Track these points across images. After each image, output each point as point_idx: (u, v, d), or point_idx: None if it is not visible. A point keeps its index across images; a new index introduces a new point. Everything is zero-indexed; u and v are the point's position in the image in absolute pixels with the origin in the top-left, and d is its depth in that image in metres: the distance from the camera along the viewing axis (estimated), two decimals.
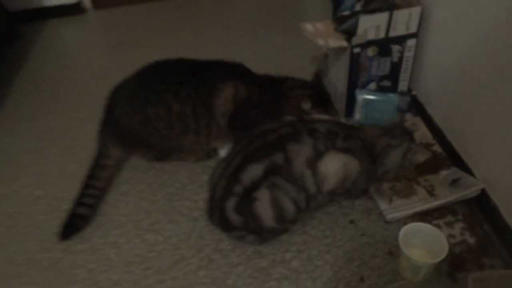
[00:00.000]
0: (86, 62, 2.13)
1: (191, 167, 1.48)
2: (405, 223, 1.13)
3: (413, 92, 1.52)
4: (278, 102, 1.38)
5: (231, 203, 1.11)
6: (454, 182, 1.28)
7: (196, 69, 1.36)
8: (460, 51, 1.30)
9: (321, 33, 1.51)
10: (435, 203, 1.24)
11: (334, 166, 1.12)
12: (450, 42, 1.35)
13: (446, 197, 1.25)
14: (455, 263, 1.13)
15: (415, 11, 1.39)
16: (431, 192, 1.28)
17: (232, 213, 1.12)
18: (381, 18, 1.39)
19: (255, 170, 1.09)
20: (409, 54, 1.50)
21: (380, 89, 1.56)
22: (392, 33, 1.43)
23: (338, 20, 1.52)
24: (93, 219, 1.32)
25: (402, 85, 1.58)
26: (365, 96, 1.53)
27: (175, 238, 1.26)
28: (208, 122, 1.35)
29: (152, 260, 1.21)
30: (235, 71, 1.40)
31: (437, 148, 1.43)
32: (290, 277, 1.14)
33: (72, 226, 1.28)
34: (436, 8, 1.38)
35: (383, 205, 1.27)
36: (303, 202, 1.13)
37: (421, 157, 1.19)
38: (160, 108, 1.31)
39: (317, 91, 1.44)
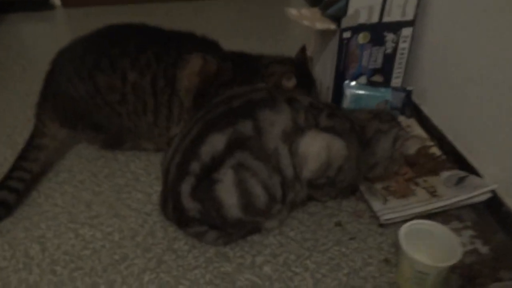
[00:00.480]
0: (44, 56, 1.86)
1: (148, 158, 1.24)
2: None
3: (409, 88, 1.35)
4: (253, 79, 1.17)
5: (186, 186, 0.88)
6: (460, 182, 1.08)
7: (161, 37, 1.16)
8: (462, 43, 1.14)
9: (307, 18, 1.35)
10: (438, 204, 1.03)
11: (316, 146, 0.91)
12: (451, 32, 1.20)
13: (451, 197, 1.04)
14: (467, 275, 0.90)
15: None
16: (432, 193, 1.08)
17: (188, 199, 0.89)
18: None
19: (215, 142, 0.86)
20: (404, 46, 1.34)
21: (371, 84, 1.38)
22: (387, 18, 1.27)
23: (326, 4, 1.37)
24: (18, 208, 1.06)
25: (396, 82, 1.41)
26: (354, 91, 1.35)
27: (118, 235, 1.00)
28: (170, 99, 1.13)
29: (84, 260, 0.94)
30: (206, 45, 1.20)
31: (436, 150, 1.24)
32: (261, 286, 0.89)
33: None
34: None
35: (376, 205, 1.05)
36: (277, 189, 0.90)
37: (412, 145, 1.00)
38: (113, 75, 1.09)
39: (299, 68, 1.24)
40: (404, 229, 0.86)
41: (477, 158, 1.13)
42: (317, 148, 0.91)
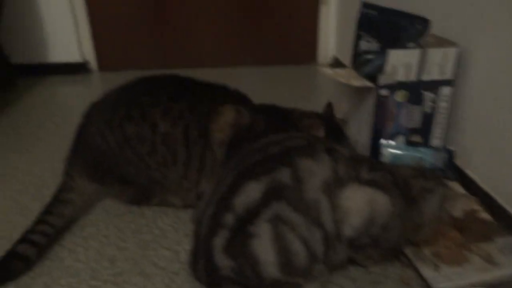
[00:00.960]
0: (77, 115, 1.93)
1: (177, 214, 1.18)
2: None
3: (451, 148, 1.28)
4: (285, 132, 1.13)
5: (220, 240, 0.81)
6: None
7: (194, 87, 1.15)
8: (506, 101, 1.10)
9: (342, 76, 1.34)
10: (498, 272, 0.92)
11: (358, 201, 0.84)
12: (494, 91, 1.16)
13: None
14: None
15: (451, 52, 1.23)
16: (490, 261, 0.97)
17: (221, 256, 0.81)
18: (412, 54, 1.22)
19: (250, 192, 0.81)
20: (443, 105, 1.30)
21: (410, 144, 1.33)
22: (425, 77, 1.25)
23: (361, 63, 1.36)
24: (39, 263, 1.00)
25: (435, 143, 1.35)
26: (392, 150, 1.29)
27: None
28: (202, 151, 1.09)
29: None
30: (238, 98, 1.19)
31: (485, 215, 1.15)
32: None
33: (8, 268, 0.95)
34: (476, 52, 1.22)
35: (428, 272, 0.95)
36: (319, 245, 0.82)
37: (460, 204, 0.92)
38: (143, 125, 1.07)
39: (329, 122, 1.22)
40: None
41: None
42: (359, 203, 0.84)
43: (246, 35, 2.54)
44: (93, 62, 2.49)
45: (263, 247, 0.79)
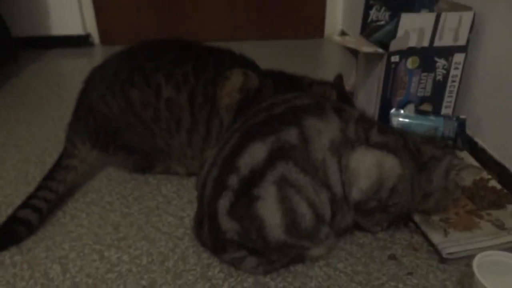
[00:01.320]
0: (79, 86, 1.92)
1: (181, 181, 1.16)
2: (468, 265, 0.78)
3: (462, 116, 1.25)
4: None
5: (224, 203, 0.78)
6: None
7: (199, 51, 1.12)
8: None
9: (352, 43, 1.30)
10: (510, 237, 0.90)
11: (367, 163, 0.81)
12: (507, 57, 1.12)
13: None
14: None
15: (467, 16, 1.18)
16: (501, 227, 0.95)
17: (226, 218, 0.79)
18: (427, 19, 1.18)
19: (255, 153, 0.77)
20: (455, 72, 1.26)
21: (420, 113, 1.29)
22: (438, 42, 1.21)
23: (371, 29, 1.32)
24: (41, 228, 0.98)
25: (446, 112, 1.32)
26: (402, 119, 1.26)
27: (146, 259, 0.90)
28: (209, 117, 1.06)
29: (108, 284, 0.84)
30: (244, 62, 1.15)
31: (495, 184, 1.12)
32: None
33: (10, 233, 0.94)
34: (491, 18, 1.17)
35: (436, 237, 0.92)
36: (326, 208, 0.80)
37: (468, 175, 0.88)
38: (147, 90, 1.04)
39: (339, 90, 1.19)
40: (478, 259, 0.74)
41: None
42: (367, 165, 0.81)
43: (252, 8, 2.49)
44: (95, 36, 2.45)
45: (269, 210, 0.76)
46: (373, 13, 1.52)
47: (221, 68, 1.08)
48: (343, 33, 2.52)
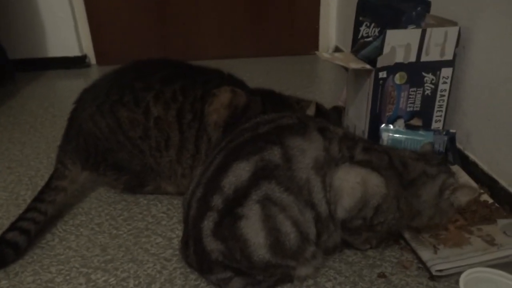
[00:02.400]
0: None
1: (171, 201, 1.16)
2: (458, 282, 0.78)
3: (452, 130, 1.25)
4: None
5: (208, 223, 0.78)
6: None
7: (188, 71, 1.13)
8: (507, 80, 1.06)
9: (340, 59, 1.31)
10: (500, 253, 0.89)
11: (350, 181, 0.81)
12: (494, 71, 1.12)
13: None
14: None
15: (452, 31, 1.19)
16: (491, 242, 0.94)
17: (210, 239, 0.79)
18: (412, 35, 1.18)
19: (239, 172, 0.78)
20: (444, 87, 1.26)
21: (410, 128, 1.29)
22: (425, 58, 1.21)
23: (359, 46, 1.33)
24: (29, 251, 0.98)
25: (436, 126, 1.31)
26: (392, 134, 1.26)
27: (133, 281, 0.89)
28: (197, 134, 1.07)
29: None
30: (233, 82, 1.16)
31: (487, 198, 1.11)
32: None
33: None
34: (476, 33, 1.18)
35: (426, 255, 0.91)
36: (311, 227, 0.79)
37: (464, 196, 0.87)
38: (135, 110, 1.05)
39: (323, 108, 1.21)
40: (464, 276, 0.73)
41: None
42: (351, 184, 0.81)
43: (247, 26, 2.52)
44: (91, 56, 2.48)
45: (253, 229, 0.76)
46: (363, 30, 1.53)
47: (209, 86, 1.09)
48: (337, 49, 2.54)
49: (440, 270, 0.87)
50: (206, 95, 1.07)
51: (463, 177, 1.20)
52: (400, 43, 1.18)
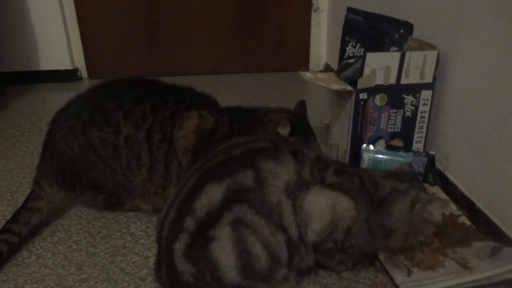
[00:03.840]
0: None
1: (151, 219, 1.16)
2: None
3: (432, 152, 1.26)
4: (250, 131, 1.12)
5: (180, 245, 0.79)
6: (495, 253, 0.95)
7: (159, 90, 1.14)
8: (486, 104, 1.08)
9: (323, 80, 1.33)
10: (472, 277, 0.90)
11: (320, 205, 0.82)
12: (474, 94, 1.14)
13: (486, 271, 0.91)
14: None
15: (431, 55, 1.21)
16: (464, 265, 0.94)
17: (182, 260, 0.79)
18: (392, 58, 1.21)
19: (212, 194, 0.79)
20: (424, 109, 1.28)
21: (391, 149, 1.30)
22: (405, 80, 1.23)
23: (342, 67, 1.35)
24: (4, 268, 0.98)
25: (417, 147, 1.33)
26: (372, 155, 1.27)
27: None
28: (166, 156, 1.07)
29: None
30: (204, 101, 1.18)
31: (465, 220, 1.12)
32: None
33: None
34: (455, 57, 1.21)
35: (399, 277, 0.92)
36: (282, 249, 0.80)
37: (436, 209, 0.87)
38: (106, 129, 1.06)
39: (297, 118, 1.21)
40: None
41: None
42: (321, 207, 0.82)
43: (238, 43, 2.54)
44: (83, 70, 2.49)
45: (223, 251, 0.76)
46: (349, 49, 1.56)
47: (180, 106, 1.10)
48: (327, 66, 2.57)
49: None
50: (176, 115, 1.08)
51: (441, 197, 1.22)
52: (380, 66, 1.20)
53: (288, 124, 1.11)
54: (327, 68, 2.54)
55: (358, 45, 1.52)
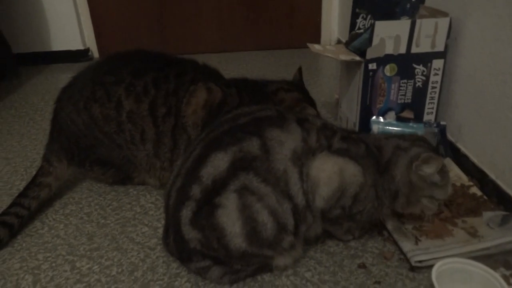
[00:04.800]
0: None
1: (160, 192, 1.18)
2: None
3: (443, 122, 1.24)
4: (260, 103, 1.11)
5: (186, 212, 0.79)
6: (505, 222, 0.93)
7: (160, 62, 1.13)
8: (498, 72, 1.04)
9: (331, 51, 1.30)
10: (480, 245, 0.89)
11: (327, 171, 0.81)
12: (486, 63, 1.11)
13: (495, 239, 0.89)
14: None
15: (443, 22, 1.18)
16: (473, 234, 0.93)
17: (188, 228, 0.80)
18: (402, 26, 1.18)
19: (218, 162, 0.79)
20: (435, 79, 1.25)
21: (401, 120, 1.28)
22: (415, 49, 1.21)
23: (351, 37, 1.32)
24: (18, 239, 1.01)
25: (428, 118, 1.31)
26: (382, 127, 1.25)
27: (116, 269, 0.91)
28: (174, 130, 1.07)
29: None
30: (207, 72, 1.16)
31: (476, 190, 1.11)
32: None
33: None
34: (467, 24, 1.17)
35: (407, 246, 0.92)
36: (288, 217, 0.80)
37: (430, 168, 0.83)
38: (107, 105, 1.06)
39: (303, 92, 1.21)
40: (437, 267, 0.73)
41: None
42: (328, 173, 0.81)
43: (249, 19, 2.51)
44: (94, 50, 2.50)
45: (229, 218, 0.77)
46: (359, 22, 1.53)
47: (183, 79, 1.09)
48: (339, 42, 2.52)
49: (420, 261, 0.87)
50: (179, 88, 1.07)
51: (454, 170, 1.20)
52: (389, 35, 1.17)
53: (308, 106, 1.12)
54: (339, 44, 2.50)
55: (369, 16, 1.49)
